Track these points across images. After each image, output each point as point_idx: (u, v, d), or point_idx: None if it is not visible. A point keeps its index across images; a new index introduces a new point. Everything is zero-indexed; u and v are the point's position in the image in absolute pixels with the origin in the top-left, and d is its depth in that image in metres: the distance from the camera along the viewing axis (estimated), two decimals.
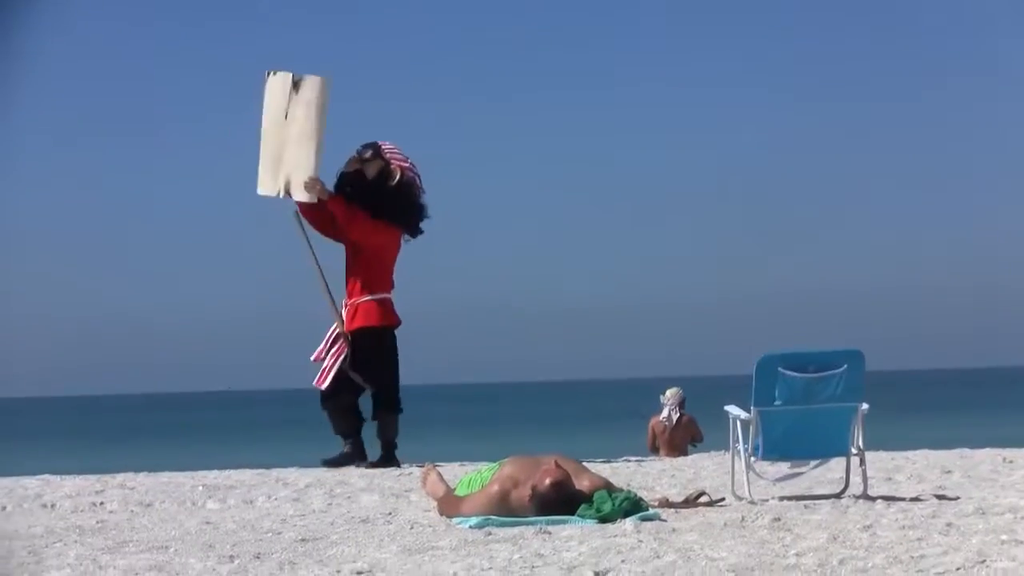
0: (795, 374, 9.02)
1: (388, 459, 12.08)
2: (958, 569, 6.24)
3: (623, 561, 6.58)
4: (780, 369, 9.01)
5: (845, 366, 9.04)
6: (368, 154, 12.16)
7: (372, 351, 12.11)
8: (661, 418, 15.42)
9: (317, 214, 12.20)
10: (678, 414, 15.38)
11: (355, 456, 12.05)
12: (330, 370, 12.10)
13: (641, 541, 7.14)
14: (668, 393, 15.56)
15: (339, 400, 12.14)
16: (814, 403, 9.04)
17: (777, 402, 9.03)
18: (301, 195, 12.03)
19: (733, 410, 9.26)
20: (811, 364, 9.06)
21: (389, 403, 12.21)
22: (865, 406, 9.13)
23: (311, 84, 12.07)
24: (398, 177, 12.11)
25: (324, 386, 12.10)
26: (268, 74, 12.25)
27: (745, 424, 9.12)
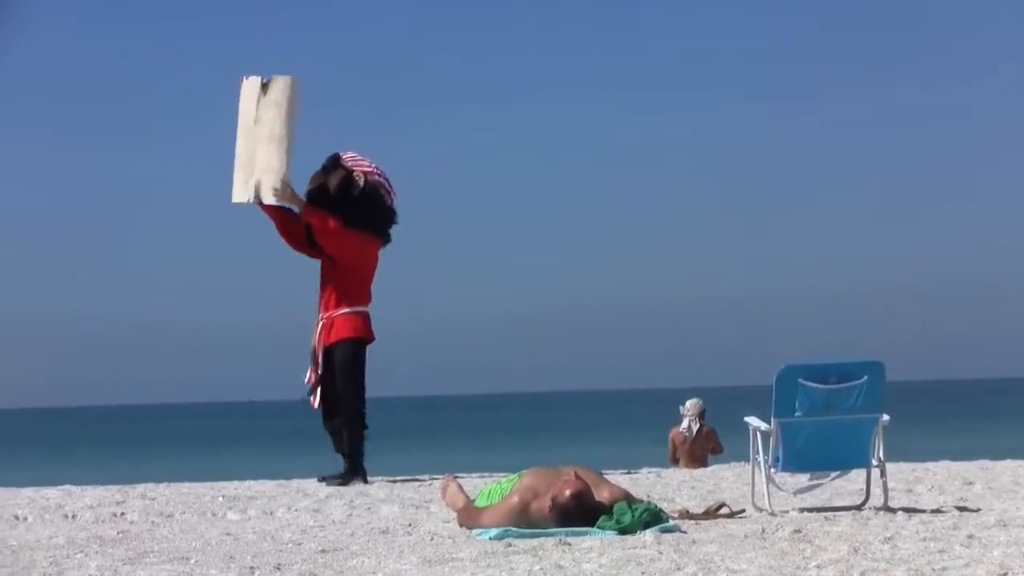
0: (815, 385, 9.00)
1: (352, 473, 11.72)
2: None
3: (643, 573, 6.58)
4: (800, 380, 8.99)
5: (865, 377, 9.02)
6: (328, 166, 11.94)
7: (348, 363, 11.83)
8: (681, 429, 15.41)
9: (292, 228, 11.93)
10: (698, 425, 15.36)
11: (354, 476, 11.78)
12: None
13: (661, 553, 7.14)
14: (688, 404, 15.54)
15: (337, 421, 11.90)
16: (834, 414, 9.03)
17: (797, 413, 9.02)
18: (270, 199, 11.80)
19: (753, 421, 9.25)
20: (831, 375, 9.04)
21: (355, 417, 11.87)
22: (886, 417, 9.12)
23: (279, 85, 11.86)
24: (362, 184, 11.88)
25: (317, 406, 11.98)
26: (241, 80, 12.11)
27: (765, 435, 9.11)
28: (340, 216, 11.84)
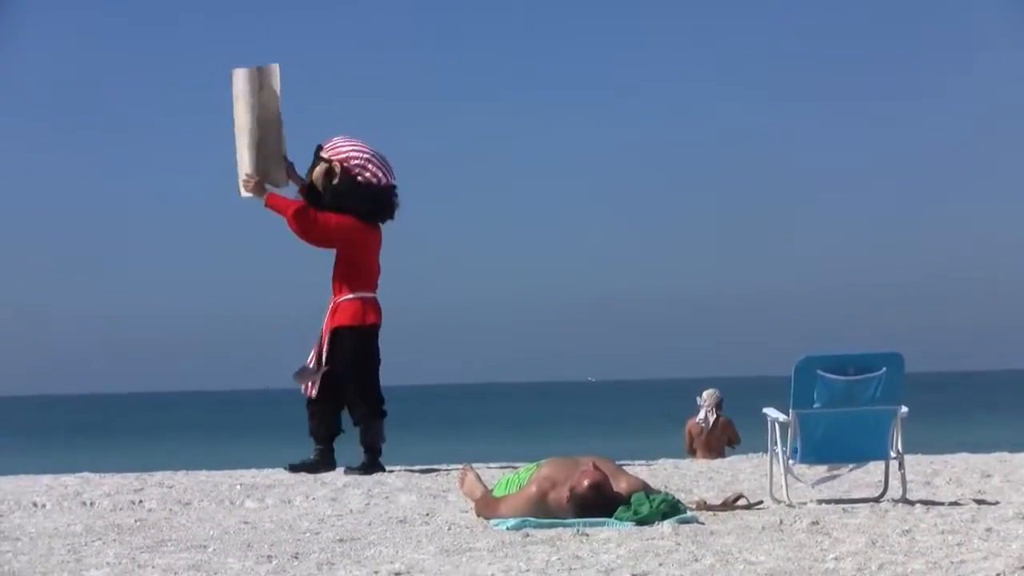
0: (834, 376, 8.98)
1: (372, 465, 11.63)
2: (998, 575, 6.20)
3: (661, 564, 6.57)
4: (819, 371, 8.98)
5: (884, 369, 9.00)
6: (313, 160, 11.90)
7: (350, 351, 11.73)
8: (698, 420, 15.40)
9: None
10: (715, 415, 15.35)
11: (321, 464, 11.69)
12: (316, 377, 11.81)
13: (679, 544, 7.13)
14: (705, 394, 15.53)
15: (322, 404, 11.80)
16: (853, 406, 9.01)
17: (816, 404, 9.00)
18: (244, 193, 11.85)
19: (771, 412, 9.23)
20: (850, 366, 9.03)
21: (370, 407, 11.77)
22: (904, 409, 9.10)
23: (236, 78, 11.82)
24: (339, 171, 11.78)
25: (313, 394, 11.83)
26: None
27: (783, 427, 9.10)
28: (328, 207, 11.78)
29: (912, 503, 8.84)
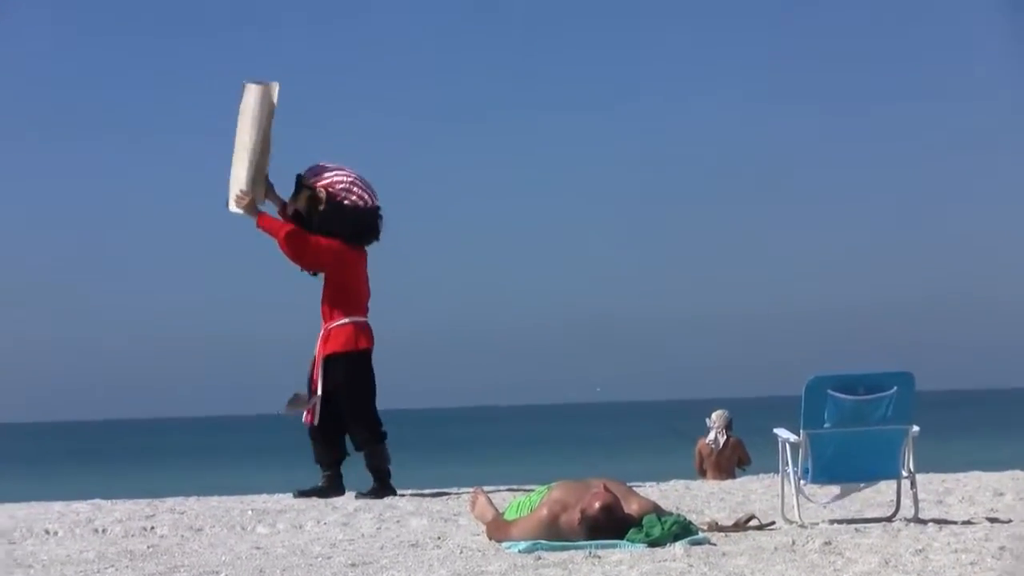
0: (845, 396, 8.98)
1: (382, 488, 11.61)
2: None
3: None
4: (829, 391, 8.97)
5: (895, 388, 8.99)
6: (295, 190, 11.88)
7: (344, 377, 11.69)
8: (708, 440, 15.39)
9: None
10: (725, 436, 15.34)
11: (330, 490, 11.67)
12: (315, 404, 11.76)
13: (691, 565, 7.12)
14: (714, 415, 15.52)
15: (324, 430, 11.74)
16: (864, 425, 9.00)
17: (826, 424, 8.99)
18: (234, 208, 11.83)
19: (782, 433, 9.23)
20: (860, 386, 9.02)
21: (370, 432, 11.73)
22: (916, 428, 9.09)
23: (248, 92, 11.81)
24: (323, 197, 11.76)
25: (315, 422, 11.76)
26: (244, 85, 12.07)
27: (795, 447, 9.09)
28: (311, 231, 11.75)
29: (925, 522, 8.83)
